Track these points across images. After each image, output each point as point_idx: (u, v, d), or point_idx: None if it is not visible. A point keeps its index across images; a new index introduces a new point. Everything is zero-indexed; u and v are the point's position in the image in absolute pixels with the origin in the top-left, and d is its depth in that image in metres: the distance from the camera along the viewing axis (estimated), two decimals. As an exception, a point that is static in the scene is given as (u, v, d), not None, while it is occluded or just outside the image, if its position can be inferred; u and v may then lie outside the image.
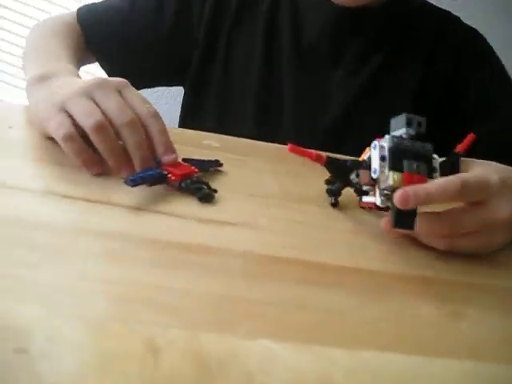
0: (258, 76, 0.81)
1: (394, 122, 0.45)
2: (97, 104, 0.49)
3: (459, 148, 0.46)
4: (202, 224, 0.45)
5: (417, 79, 0.80)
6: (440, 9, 0.86)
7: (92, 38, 0.81)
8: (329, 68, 0.80)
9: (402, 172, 0.42)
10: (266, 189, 0.54)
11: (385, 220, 0.45)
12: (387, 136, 0.45)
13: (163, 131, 0.51)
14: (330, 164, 0.45)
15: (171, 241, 0.41)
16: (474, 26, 0.85)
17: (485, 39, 0.83)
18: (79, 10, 0.83)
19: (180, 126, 0.87)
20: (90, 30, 0.81)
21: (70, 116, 0.49)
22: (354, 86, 0.80)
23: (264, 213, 0.48)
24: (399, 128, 0.44)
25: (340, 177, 0.45)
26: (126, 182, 0.45)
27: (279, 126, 0.80)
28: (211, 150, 0.60)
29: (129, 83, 0.52)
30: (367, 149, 0.51)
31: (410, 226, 0.42)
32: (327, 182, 0.56)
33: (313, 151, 0.43)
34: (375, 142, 0.44)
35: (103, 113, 0.48)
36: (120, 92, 0.51)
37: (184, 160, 0.53)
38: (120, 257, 0.38)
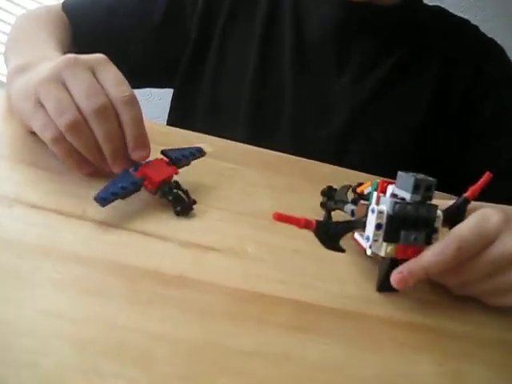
0: (253, 73, 0.75)
1: (401, 177, 0.39)
2: (67, 88, 0.44)
3: (470, 191, 0.41)
4: (183, 248, 0.40)
5: (432, 79, 0.75)
6: (455, 15, 0.82)
7: (79, 29, 0.75)
8: (334, 70, 0.75)
9: (397, 243, 0.39)
10: (258, 206, 0.49)
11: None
12: (388, 198, 0.39)
13: (136, 121, 0.44)
14: (319, 230, 0.39)
15: (146, 268, 0.37)
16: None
17: (504, 51, 0.78)
18: (65, 1, 0.79)
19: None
20: (77, 21, 0.76)
21: None
22: (362, 90, 0.74)
23: (253, 237, 0.44)
24: (405, 189, 0.39)
25: (330, 244, 0.40)
26: (96, 200, 0.40)
27: (275, 129, 0.75)
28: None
29: (106, 58, 0.46)
30: (368, 182, 0.46)
31: (395, 290, 0.40)
32: (323, 192, 0.51)
33: (300, 218, 0.38)
34: (374, 206, 0.39)
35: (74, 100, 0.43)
36: (93, 70, 0.45)
37: (162, 153, 0.48)
38: (86, 287, 0.34)
